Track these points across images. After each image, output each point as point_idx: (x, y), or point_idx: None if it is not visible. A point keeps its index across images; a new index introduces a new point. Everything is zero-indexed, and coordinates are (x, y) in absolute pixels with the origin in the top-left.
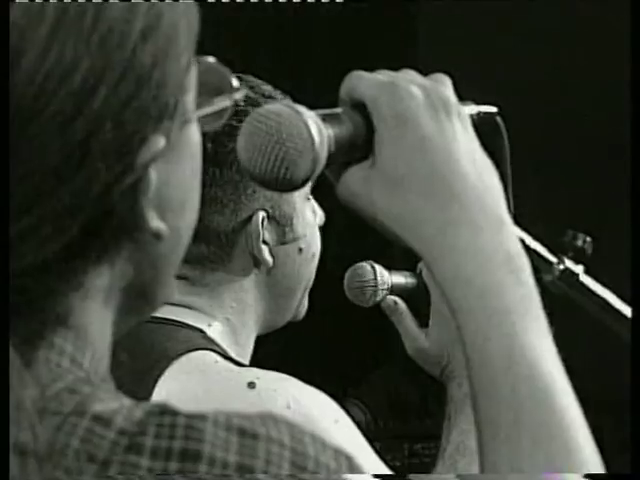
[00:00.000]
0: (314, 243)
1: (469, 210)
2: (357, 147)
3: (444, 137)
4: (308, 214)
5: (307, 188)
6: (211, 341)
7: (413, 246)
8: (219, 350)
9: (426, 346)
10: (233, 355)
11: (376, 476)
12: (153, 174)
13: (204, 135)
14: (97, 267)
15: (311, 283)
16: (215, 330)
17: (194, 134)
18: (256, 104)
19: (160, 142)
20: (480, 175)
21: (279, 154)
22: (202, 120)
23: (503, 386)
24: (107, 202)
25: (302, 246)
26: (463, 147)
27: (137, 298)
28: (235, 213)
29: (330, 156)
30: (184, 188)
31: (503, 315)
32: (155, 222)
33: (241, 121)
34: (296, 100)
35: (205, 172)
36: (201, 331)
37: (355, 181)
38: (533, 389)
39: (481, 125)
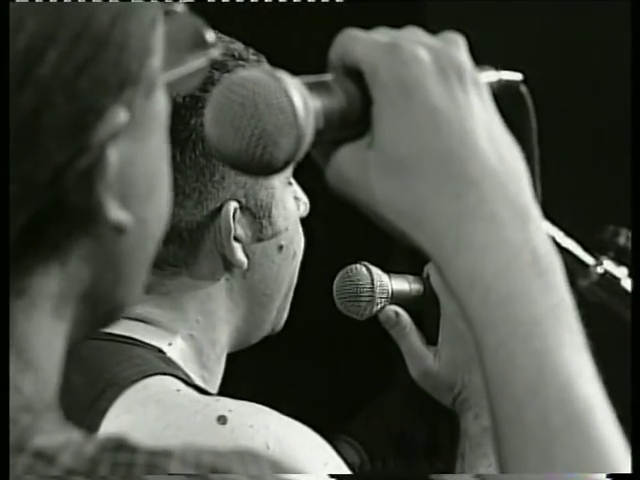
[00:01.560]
0: (296, 239)
1: (488, 200)
2: (351, 123)
3: (457, 110)
4: (290, 203)
5: (289, 171)
6: (172, 364)
7: (420, 244)
8: (181, 375)
9: (435, 368)
10: (198, 381)
11: None
12: (113, 154)
13: None
14: (45, 269)
15: (293, 287)
16: (176, 350)
17: (161, 103)
18: (224, 69)
19: (121, 115)
20: (501, 157)
21: (255, 131)
22: (171, 85)
23: (531, 414)
24: (58, 189)
25: (283, 243)
26: (481, 122)
27: (95, 307)
28: (200, 204)
29: (318, 133)
30: (151, 170)
31: (530, 327)
32: (116, 212)
33: (206, 90)
34: None
35: None
36: (160, 351)
37: (348, 164)
38: (567, 417)
39: (502, 96)
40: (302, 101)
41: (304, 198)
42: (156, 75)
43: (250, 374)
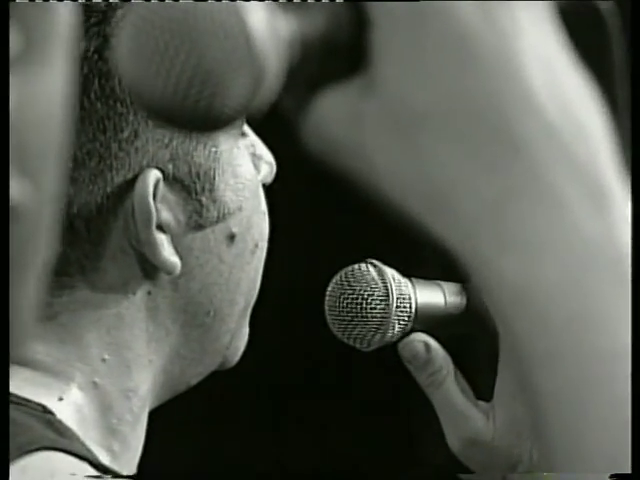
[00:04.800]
0: (257, 223)
1: (547, 171)
2: (339, 56)
3: (500, 39)
4: (244, 167)
5: (241, 120)
6: (63, 430)
7: (443, 235)
8: (78, 449)
9: (488, 435)
10: (104, 457)
11: None
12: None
13: None
14: None
15: (254, 299)
16: (71, 407)
17: (62, 15)
18: None
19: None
20: (566, 108)
21: (190, 67)
22: None
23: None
24: None
25: (235, 230)
26: (535, 57)
27: None
28: (100, 177)
29: (290, 71)
30: (54, 116)
31: (611, 356)
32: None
33: (114, 8)
34: None
35: None
36: (45, 410)
37: (334, 117)
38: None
39: (570, 15)
40: (263, 23)
41: (267, 156)
42: None
43: (195, 439)
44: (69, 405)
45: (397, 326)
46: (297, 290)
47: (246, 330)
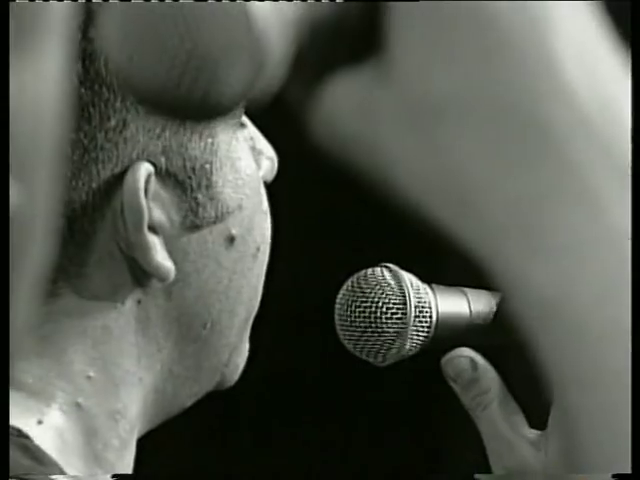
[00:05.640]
0: (258, 223)
1: (580, 166)
2: (350, 38)
3: (530, 22)
4: (244, 161)
5: (239, 110)
6: (41, 458)
7: (464, 237)
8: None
9: (537, 464)
10: None
11: None
12: None
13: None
14: None
15: (255, 309)
16: (51, 431)
17: None
18: None
19: None
20: (604, 101)
21: (186, 50)
22: None
23: None
24: None
25: (234, 232)
26: (568, 40)
27: None
28: (85, 171)
29: (297, 56)
30: (46, 109)
31: None
32: None
33: None
34: None
35: None
36: (20, 434)
37: (345, 108)
38: None
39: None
40: (265, 2)
41: (269, 150)
42: None
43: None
44: (49, 429)
45: (415, 338)
46: (302, 299)
47: (246, 345)
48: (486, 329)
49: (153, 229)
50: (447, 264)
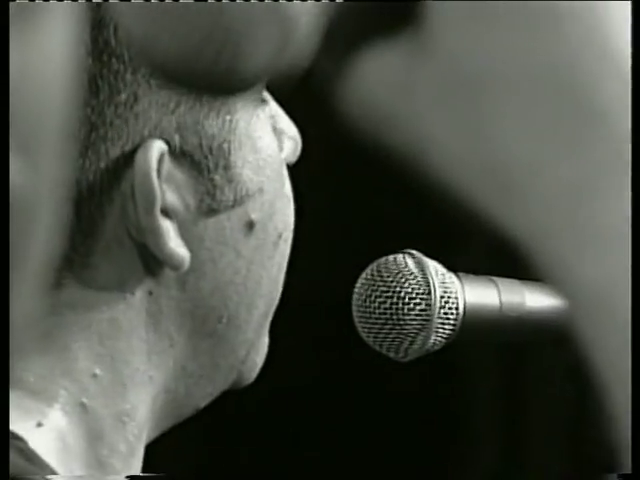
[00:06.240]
0: (280, 208)
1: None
2: (385, 7)
3: None
4: (265, 140)
5: (261, 85)
6: (37, 465)
7: (509, 226)
8: None
9: None
10: None
11: None
12: None
13: None
14: None
15: (275, 303)
16: (51, 435)
17: None
18: None
19: None
20: None
21: (209, 22)
22: None
23: None
24: None
25: (254, 216)
26: (624, 14)
27: None
28: (94, 149)
29: (327, 27)
30: (55, 81)
31: None
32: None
33: None
34: None
35: None
36: (14, 436)
37: (381, 82)
38: None
39: None
40: None
41: (291, 129)
42: None
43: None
44: (50, 432)
45: (441, 331)
46: (322, 290)
47: (265, 341)
48: (518, 322)
49: (166, 213)
50: (476, 251)
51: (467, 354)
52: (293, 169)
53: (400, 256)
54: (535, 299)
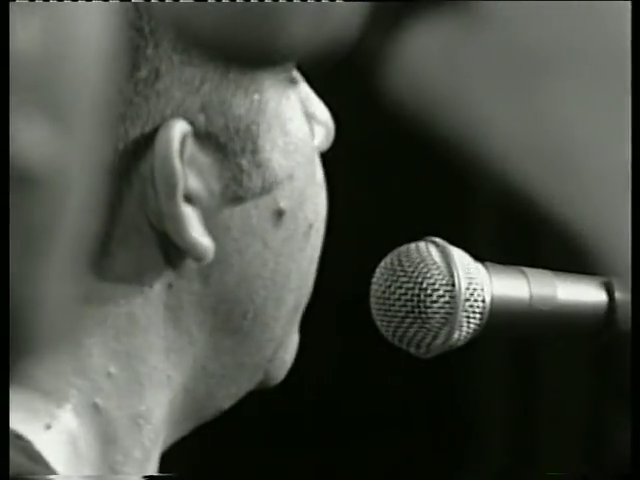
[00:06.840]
0: (311, 196)
1: None
2: None
3: None
4: (295, 122)
5: (291, 63)
6: (42, 470)
7: (564, 212)
8: None
9: None
10: None
11: None
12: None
13: None
14: None
15: (306, 298)
16: (61, 438)
17: None
18: None
19: None
20: None
21: None
22: None
23: None
24: None
25: (283, 204)
26: None
27: None
28: (112, 130)
29: (374, 8)
30: (90, 43)
31: None
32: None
33: None
34: None
35: None
36: (20, 439)
37: (428, 58)
38: None
39: None
40: None
41: (323, 114)
42: None
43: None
44: (59, 435)
45: (465, 326)
46: (351, 284)
47: (296, 338)
48: (549, 316)
49: (189, 199)
50: (504, 238)
51: (479, 350)
52: (325, 156)
53: (422, 244)
54: (568, 292)
